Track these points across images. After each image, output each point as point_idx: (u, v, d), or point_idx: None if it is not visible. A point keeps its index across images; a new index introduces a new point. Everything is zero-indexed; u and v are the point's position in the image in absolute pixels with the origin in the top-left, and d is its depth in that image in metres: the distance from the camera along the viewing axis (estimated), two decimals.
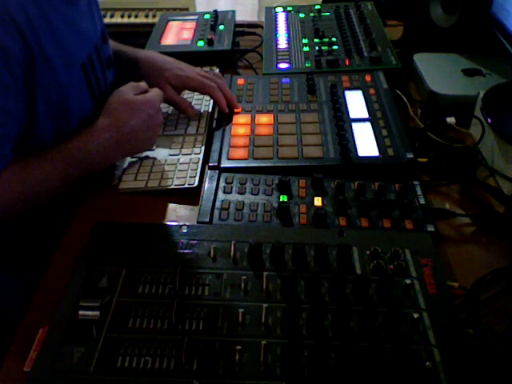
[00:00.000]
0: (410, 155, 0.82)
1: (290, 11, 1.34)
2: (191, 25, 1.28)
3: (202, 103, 1.00)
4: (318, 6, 1.34)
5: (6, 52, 0.66)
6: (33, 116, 0.73)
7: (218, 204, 0.76)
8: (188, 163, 0.86)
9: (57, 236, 0.75)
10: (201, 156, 0.87)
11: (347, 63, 1.10)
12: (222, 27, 1.26)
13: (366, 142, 0.86)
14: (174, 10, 2.04)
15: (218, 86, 0.94)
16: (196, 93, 1.01)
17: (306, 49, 1.16)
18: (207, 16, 1.31)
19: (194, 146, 0.90)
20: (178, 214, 0.78)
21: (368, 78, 1.02)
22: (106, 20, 2.03)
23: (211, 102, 1.00)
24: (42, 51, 0.71)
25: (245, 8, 2.60)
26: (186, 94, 1.02)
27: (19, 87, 0.69)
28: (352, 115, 0.92)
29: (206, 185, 0.80)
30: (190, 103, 0.98)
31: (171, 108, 0.99)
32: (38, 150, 0.76)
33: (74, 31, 0.79)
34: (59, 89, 0.76)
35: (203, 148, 0.89)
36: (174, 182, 0.82)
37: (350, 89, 1.00)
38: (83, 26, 0.82)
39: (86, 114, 0.83)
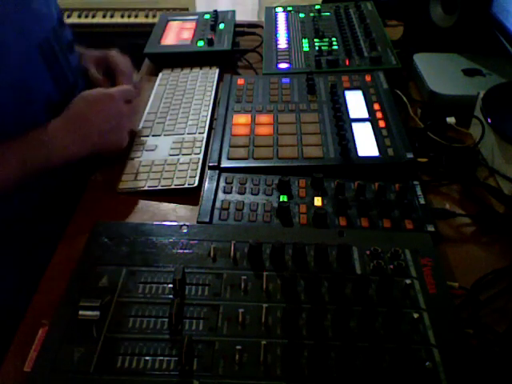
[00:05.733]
0: (410, 155, 0.82)
1: (290, 11, 1.33)
2: (191, 25, 1.28)
3: (202, 103, 1.00)
4: (318, 6, 1.34)
5: None
6: None
7: (217, 204, 0.76)
8: (188, 163, 0.86)
9: (57, 236, 0.75)
10: (201, 156, 0.87)
11: (347, 63, 1.10)
12: (221, 27, 1.25)
13: (365, 142, 0.86)
14: (174, 9, 2.05)
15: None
16: (196, 91, 1.03)
17: (306, 49, 1.16)
18: (207, 16, 1.31)
19: (193, 146, 0.90)
20: (177, 214, 0.78)
21: (368, 77, 1.02)
22: (106, 20, 2.03)
23: (211, 101, 1.00)
24: None
25: (245, 8, 2.60)
26: (187, 94, 1.02)
27: None
28: (352, 115, 0.92)
29: (206, 185, 0.80)
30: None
31: (170, 108, 0.99)
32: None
33: (28, 11, 0.76)
34: (15, 69, 0.73)
35: (203, 148, 0.89)
36: (174, 182, 0.82)
37: (349, 89, 1.00)
38: (38, 7, 0.79)
39: (51, 99, 0.81)
